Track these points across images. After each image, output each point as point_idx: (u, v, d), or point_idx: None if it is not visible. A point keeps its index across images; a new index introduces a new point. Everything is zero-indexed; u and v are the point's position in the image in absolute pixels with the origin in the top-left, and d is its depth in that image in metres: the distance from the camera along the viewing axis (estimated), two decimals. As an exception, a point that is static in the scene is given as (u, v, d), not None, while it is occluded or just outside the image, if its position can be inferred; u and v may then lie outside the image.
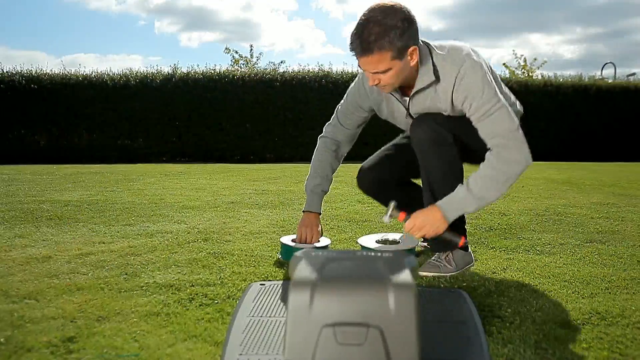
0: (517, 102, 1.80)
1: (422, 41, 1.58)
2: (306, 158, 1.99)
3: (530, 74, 16.27)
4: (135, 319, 1.33)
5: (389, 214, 1.65)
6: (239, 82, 9.76)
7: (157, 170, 6.12)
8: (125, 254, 1.97)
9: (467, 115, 1.57)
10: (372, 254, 1.05)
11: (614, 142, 11.24)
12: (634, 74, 16.22)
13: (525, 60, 17.13)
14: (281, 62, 15.69)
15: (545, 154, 10.54)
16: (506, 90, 1.72)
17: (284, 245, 1.91)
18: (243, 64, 15.30)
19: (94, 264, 1.83)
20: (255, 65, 14.87)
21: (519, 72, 16.63)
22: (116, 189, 4.04)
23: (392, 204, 1.66)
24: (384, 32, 1.44)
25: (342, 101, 1.85)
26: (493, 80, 1.56)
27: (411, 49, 1.50)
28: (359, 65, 1.55)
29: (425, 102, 1.64)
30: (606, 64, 21.61)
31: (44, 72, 9.53)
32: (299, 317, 0.84)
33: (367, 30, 1.45)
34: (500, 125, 1.51)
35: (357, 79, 1.81)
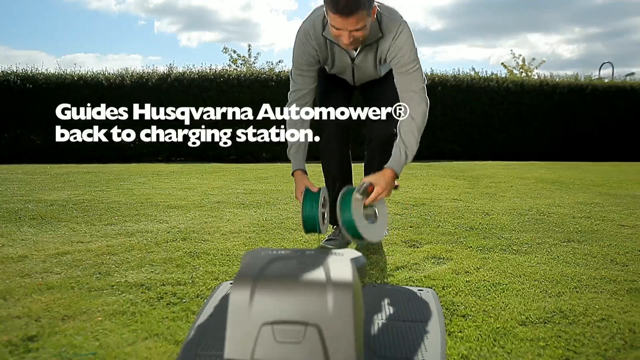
0: None
1: None
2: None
3: (528, 74, 16.27)
4: (100, 318, 1.34)
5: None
6: (234, 82, 9.77)
7: (149, 170, 6.14)
8: (101, 253, 1.98)
9: (391, 64, 1.89)
10: (322, 253, 1.06)
11: (610, 142, 11.24)
12: (632, 73, 16.23)
13: (523, 60, 17.14)
14: (279, 61, 15.66)
15: (540, 153, 10.54)
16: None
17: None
18: (241, 64, 15.31)
19: (68, 263, 1.84)
20: (254, 65, 14.89)
21: (517, 72, 16.64)
22: (105, 189, 4.05)
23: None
24: None
25: (294, 69, 1.95)
26: (415, 44, 1.88)
27: (374, 5, 1.69)
28: (332, 25, 1.68)
29: (368, 54, 1.91)
30: (604, 63, 21.57)
31: (40, 71, 9.51)
32: (239, 316, 0.85)
33: None
34: (414, 82, 1.85)
35: (298, 41, 1.90)
